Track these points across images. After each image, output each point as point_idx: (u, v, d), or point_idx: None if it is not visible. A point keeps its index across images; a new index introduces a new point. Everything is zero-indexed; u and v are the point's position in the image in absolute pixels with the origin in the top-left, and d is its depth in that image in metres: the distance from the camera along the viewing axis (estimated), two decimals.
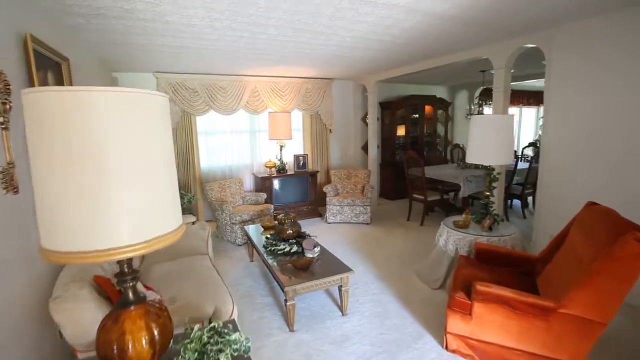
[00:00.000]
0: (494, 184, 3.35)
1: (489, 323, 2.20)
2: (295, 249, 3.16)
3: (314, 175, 5.83)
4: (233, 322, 1.80)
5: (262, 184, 5.42)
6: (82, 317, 1.59)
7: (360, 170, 5.91)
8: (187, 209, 4.33)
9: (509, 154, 3.09)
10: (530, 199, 5.72)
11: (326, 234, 4.94)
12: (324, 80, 6.28)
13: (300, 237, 3.39)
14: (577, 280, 1.96)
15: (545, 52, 3.40)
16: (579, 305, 1.93)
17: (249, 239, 3.78)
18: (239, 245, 4.60)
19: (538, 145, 7.44)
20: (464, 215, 3.42)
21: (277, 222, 3.48)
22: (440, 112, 7.53)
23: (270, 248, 3.24)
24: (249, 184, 6.04)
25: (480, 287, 2.16)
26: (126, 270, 1.13)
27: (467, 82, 7.54)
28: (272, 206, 5.06)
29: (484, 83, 6.30)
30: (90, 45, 3.41)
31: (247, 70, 5.20)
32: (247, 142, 6.00)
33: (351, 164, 7.05)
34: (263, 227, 3.85)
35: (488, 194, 3.37)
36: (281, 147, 5.75)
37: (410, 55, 4.46)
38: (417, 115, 7.19)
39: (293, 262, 2.90)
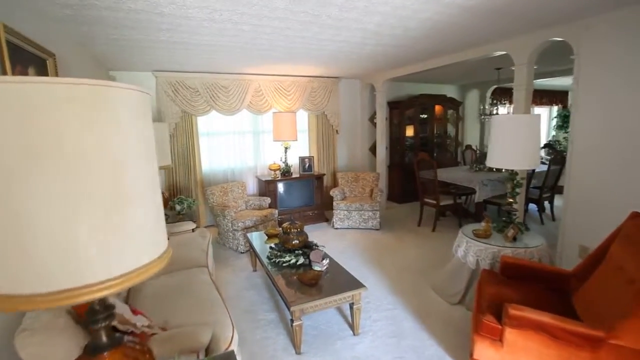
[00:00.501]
0: (517, 190, 3.08)
1: (522, 351, 1.94)
2: (301, 260, 2.91)
3: (319, 178, 5.58)
4: (231, 354, 1.56)
5: (266, 188, 5.18)
6: (53, 353, 1.35)
7: (368, 172, 5.65)
8: (187, 214, 4.10)
9: (535, 157, 2.82)
10: (546, 203, 5.43)
11: (333, 241, 4.69)
12: (330, 79, 6.03)
13: (307, 247, 3.14)
14: (629, 305, 1.69)
15: (574, 45, 3.12)
16: (634, 335, 1.66)
17: (252, 248, 3.53)
18: (241, 253, 4.36)
19: (555, 146, 7.16)
20: (483, 223, 3.15)
21: (281, 230, 3.23)
22: (450, 111, 7.24)
23: (274, 259, 2.99)
24: (252, 187, 5.80)
25: (514, 312, 1.89)
26: (97, 308, 0.90)
27: (479, 80, 7.25)
28: (276, 211, 4.81)
29: (498, 81, 6.02)
30: (82, 40, 3.18)
31: (250, 68, 4.96)
32: (250, 143, 5.76)
33: (358, 166, 6.79)
34: (267, 234, 3.60)
35: (511, 200, 3.10)
36: (286, 148, 5.51)
37: (422, 52, 4.19)
38: (426, 115, 6.91)
39: (299, 276, 2.64)
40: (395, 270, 3.74)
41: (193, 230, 3.75)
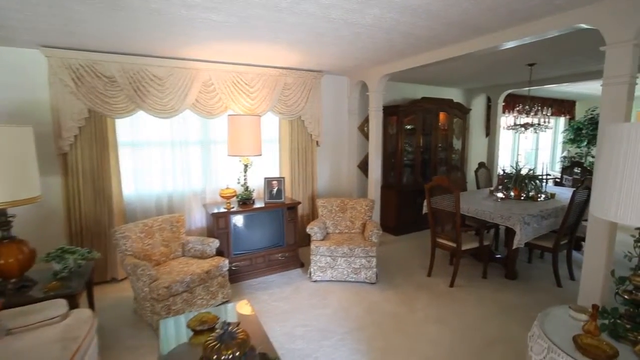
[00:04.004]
0: None
1: None
2: None
3: (292, 207, 4.02)
4: None
5: (215, 224, 3.58)
6: None
7: (359, 199, 4.16)
8: (67, 277, 2.44)
9: None
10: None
11: (308, 308, 3.14)
12: (310, 72, 4.54)
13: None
14: None
15: None
16: None
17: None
18: None
19: (586, 165, 5.95)
20: (584, 317, 1.75)
21: (210, 343, 1.64)
22: (456, 120, 5.90)
23: None
24: (199, 220, 4.18)
25: None
26: None
27: (491, 84, 5.96)
28: (226, 261, 3.21)
29: (530, 82, 4.70)
30: None
31: (193, 50, 3.40)
32: (196, 158, 4.15)
33: (344, 189, 5.30)
34: (192, 329, 2.01)
35: None
36: (245, 166, 3.94)
37: (449, 26, 2.77)
38: (428, 124, 5.53)
39: None
40: None
41: (61, 318, 2.10)
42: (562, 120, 8.70)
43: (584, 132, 7.63)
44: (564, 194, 4.40)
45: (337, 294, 3.40)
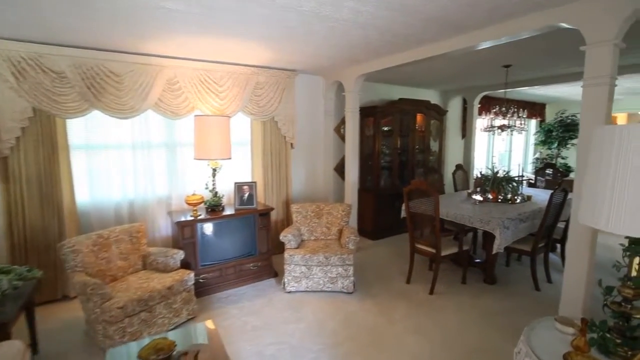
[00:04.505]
0: None
1: None
2: None
3: (265, 213, 3.79)
4: None
5: (180, 233, 3.29)
6: None
7: (335, 204, 3.98)
8: (10, 299, 2.11)
9: None
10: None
11: (281, 323, 2.92)
12: (284, 71, 4.32)
13: None
14: None
15: None
16: None
17: None
18: None
19: (558, 166, 6.04)
20: (572, 331, 1.67)
21: None
22: (433, 122, 5.85)
23: None
24: (165, 228, 3.87)
25: None
26: None
27: (466, 85, 5.96)
28: (191, 274, 2.95)
29: (506, 84, 4.68)
30: None
31: (157, 43, 3.12)
32: (161, 162, 3.84)
33: (321, 193, 5.11)
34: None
35: (629, 292, 1.58)
36: (214, 170, 3.68)
37: (426, 23, 2.64)
38: (405, 126, 5.44)
39: None
40: None
41: None
42: (533, 123, 8.90)
43: (554, 134, 7.81)
44: (540, 195, 4.40)
45: (313, 306, 3.20)
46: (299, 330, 2.81)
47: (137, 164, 3.66)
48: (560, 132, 7.69)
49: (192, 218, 3.37)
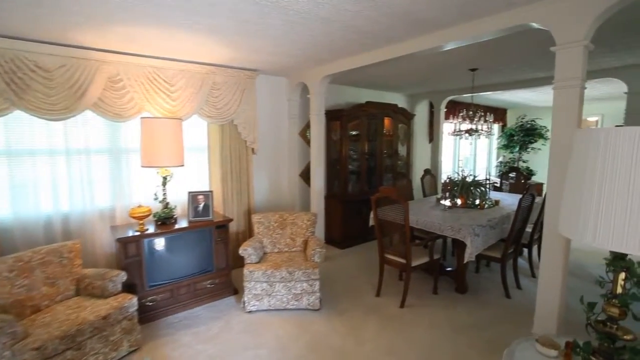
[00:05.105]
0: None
1: None
2: None
3: (223, 225, 3.45)
4: None
5: (123, 251, 2.89)
6: None
7: (300, 213, 3.72)
8: None
9: None
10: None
11: (239, 349, 2.60)
12: (243, 71, 4.02)
13: None
14: None
15: None
16: None
17: None
18: None
19: (522, 170, 6.12)
20: (555, 358, 1.50)
21: None
22: (400, 125, 5.75)
23: None
24: (107, 245, 3.42)
25: None
26: None
27: (433, 89, 5.93)
28: (134, 299, 2.56)
29: (473, 88, 4.64)
30: None
31: (93, 34, 2.72)
32: (103, 169, 3.40)
33: (286, 201, 4.83)
34: None
35: (615, 310, 1.43)
36: (164, 179, 3.31)
37: (393, 19, 2.46)
38: (373, 130, 5.29)
39: None
40: None
41: None
42: (496, 127, 9.13)
43: (515, 138, 8.03)
44: (506, 199, 4.39)
45: (275, 327, 2.90)
46: (259, 358, 2.51)
47: (73, 173, 3.21)
48: (521, 136, 7.91)
49: (137, 233, 2.98)
